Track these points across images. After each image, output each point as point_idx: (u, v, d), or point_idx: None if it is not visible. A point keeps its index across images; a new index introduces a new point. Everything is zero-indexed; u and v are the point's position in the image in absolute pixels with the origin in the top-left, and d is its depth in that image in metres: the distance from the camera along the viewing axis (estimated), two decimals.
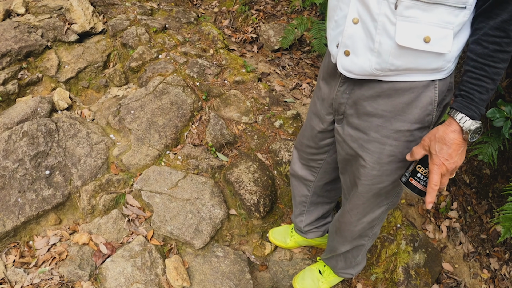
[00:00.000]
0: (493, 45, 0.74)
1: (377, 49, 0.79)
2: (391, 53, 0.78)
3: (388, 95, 0.86)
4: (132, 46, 2.24)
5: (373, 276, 1.59)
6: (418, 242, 1.65)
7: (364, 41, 0.80)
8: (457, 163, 0.81)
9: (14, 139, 1.62)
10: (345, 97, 0.94)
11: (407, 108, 0.86)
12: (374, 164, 0.95)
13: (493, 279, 1.78)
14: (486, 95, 0.77)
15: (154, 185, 1.61)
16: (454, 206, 1.99)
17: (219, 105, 2.02)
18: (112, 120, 1.86)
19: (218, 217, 1.57)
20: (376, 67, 0.81)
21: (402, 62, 0.79)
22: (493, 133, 1.80)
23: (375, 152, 0.93)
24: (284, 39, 2.47)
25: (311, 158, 1.21)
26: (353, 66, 0.84)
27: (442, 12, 0.74)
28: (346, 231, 1.18)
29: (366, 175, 0.98)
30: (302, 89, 2.34)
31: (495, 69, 0.75)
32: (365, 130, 0.93)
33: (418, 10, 0.74)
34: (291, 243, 1.58)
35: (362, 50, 0.81)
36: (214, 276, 1.44)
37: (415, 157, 0.86)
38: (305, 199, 1.34)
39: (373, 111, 0.89)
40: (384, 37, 0.78)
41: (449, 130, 0.79)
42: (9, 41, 2.07)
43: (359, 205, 1.07)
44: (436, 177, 0.82)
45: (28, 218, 1.46)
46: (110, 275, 1.35)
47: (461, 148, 0.80)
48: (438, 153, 0.81)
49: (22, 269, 1.36)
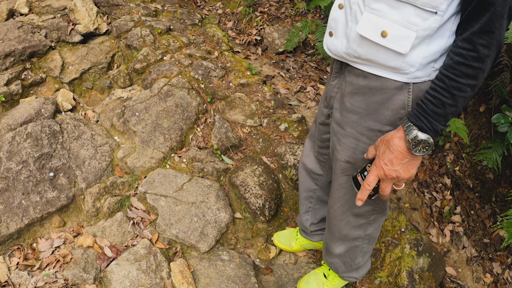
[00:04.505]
0: (458, 57, 0.71)
1: (347, 34, 0.85)
2: (355, 40, 0.83)
3: (364, 93, 0.88)
4: (137, 47, 2.24)
5: (377, 280, 1.58)
6: (422, 246, 1.65)
7: (343, 25, 0.86)
8: (399, 174, 0.79)
9: (18, 140, 1.61)
10: (335, 91, 0.99)
11: (379, 108, 0.87)
12: (348, 157, 0.98)
13: (496, 283, 1.78)
14: (442, 110, 0.73)
15: (159, 188, 1.60)
16: (458, 211, 1.99)
17: (224, 108, 2.02)
18: (117, 122, 1.85)
19: (224, 220, 1.56)
20: (345, 51, 0.86)
21: (363, 51, 0.82)
22: (497, 138, 1.81)
23: (350, 148, 0.96)
24: (288, 41, 2.47)
25: (319, 152, 1.25)
26: (331, 46, 0.90)
27: (410, 12, 0.74)
28: (332, 226, 1.19)
29: (340, 167, 1.02)
30: (306, 92, 2.34)
31: (456, 83, 0.71)
32: (343, 125, 0.96)
33: (386, 6, 0.76)
34: (296, 246, 1.58)
35: (340, 33, 0.87)
36: (219, 279, 1.43)
37: (369, 155, 0.88)
38: (312, 194, 1.35)
39: (350, 107, 0.93)
40: (353, 24, 0.83)
41: (396, 136, 0.79)
42: (12, 41, 2.06)
43: (340, 197, 1.09)
44: (371, 177, 0.83)
45: (32, 220, 1.45)
46: (115, 278, 1.34)
47: (406, 159, 0.78)
48: (380, 155, 0.81)
49: (26, 271, 1.34)
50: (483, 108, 2.06)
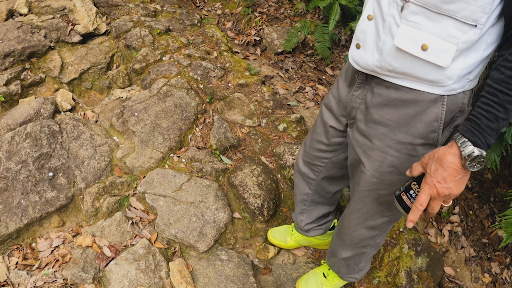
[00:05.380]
0: (510, 71, 0.70)
1: (380, 47, 0.82)
2: (390, 53, 0.81)
3: (395, 105, 0.87)
4: (136, 47, 2.24)
5: (376, 280, 1.59)
6: (420, 246, 1.65)
7: (373, 37, 0.84)
8: (452, 191, 0.77)
9: (17, 140, 1.61)
10: (357, 102, 0.96)
11: (411, 121, 0.86)
12: (374, 171, 0.96)
13: (494, 283, 1.79)
14: (496, 124, 0.73)
15: (158, 188, 1.61)
16: (456, 211, 2.00)
17: (223, 108, 2.02)
18: (116, 122, 1.85)
19: (222, 220, 1.57)
20: (377, 64, 0.84)
21: (399, 65, 0.81)
22: (495, 138, 1.81)
23: (376, 160, 0.94)
24: (287, 42, 2.48)
25: (317, 156, 1.21)
26: (359, 59, 0.88)
27: (449, 24, 0.74)
28: (345, 235, 1.19)
29: (365, 181, 0.99)
30: (305, 93, 2.35)
31: (509, 97, 0.71)
32: (370, 137, 0.94)
33: (425, 18, 0.75)
34: (291, 242, 1.58)
35: (370, 45, 0.85)
36: (218, 279, 1.44)
37: (413, 173, 0.85)
38: (306, 197, 1.35)
39: (379, 119, 0.91)
40: (388, 37, 0.81)
41: (449, 152, 0.76)
42: (12, 42, 2.06)
43: (358, 209, 1.07)
44: (423, 196, 0.79)
45: (31, 220, 1.45)
46: (114, 278, 1.35)
47: (459, 175, 0.76)
48: (432, 173, 0.78)
49: (25, 271, 1.35)
50: None
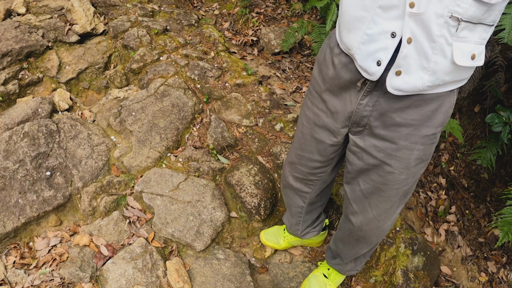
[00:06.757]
0: None
1: (432, 68, 0.82)
2: (444, 71, 0.83)
3: (417, 105, 0.90)
4: (133, 47, 2.25)
5: (372, 279, 1.59)
6: (417, 246, 1.66)
7: (416, 60, 0.81)
8: None
9: (14, 139, 1.61)
10: (368, 110, 0.95)
11: (433, 115, 0.91)
12: (403, 169, 0.99)
13: (491, 282, 1.79)
14: None
15: (155, 187, 1.61)
16: (453, 210, 2.00)
17: (220, 108, 2.03)
18: (113, 122, 1.86)
19: (219, 219, 1.57)
20: (428, 84, 0.84)
21: (451, 78, 0.85)
22: (491, 138, 1.82)
23: (403, 159, 0.97)
24: (284, 42, 2.48)
25: (312, 172, 1.20)
26: (405, 85, 0.84)
27: (482, 30, 0.80)
28: (373, 237, 1.19)
29: (394, 180, 1.01)
30: (302, 93, 2.36)
31: None
32: (394, 140, 0.95)
33: (467, 31, 0.79)
34: (284, 243, 1.60)
35: (415, 69, 0.82)
36: (215, 278, 1.44)
37: None
38: (301, 210, 1.36)
39: (402, 122, 0.92)
40: (440, 57, 0.81)
41: None
42: (9, 41, 2.06)
43: (387, 209, 1.09)
44: None
45: (29, 219, 1.45)
46: (111, 277, 1.35)
47: None
48: None
49: (22, 270, 1.35)
50: (478, 108, 2.08)
